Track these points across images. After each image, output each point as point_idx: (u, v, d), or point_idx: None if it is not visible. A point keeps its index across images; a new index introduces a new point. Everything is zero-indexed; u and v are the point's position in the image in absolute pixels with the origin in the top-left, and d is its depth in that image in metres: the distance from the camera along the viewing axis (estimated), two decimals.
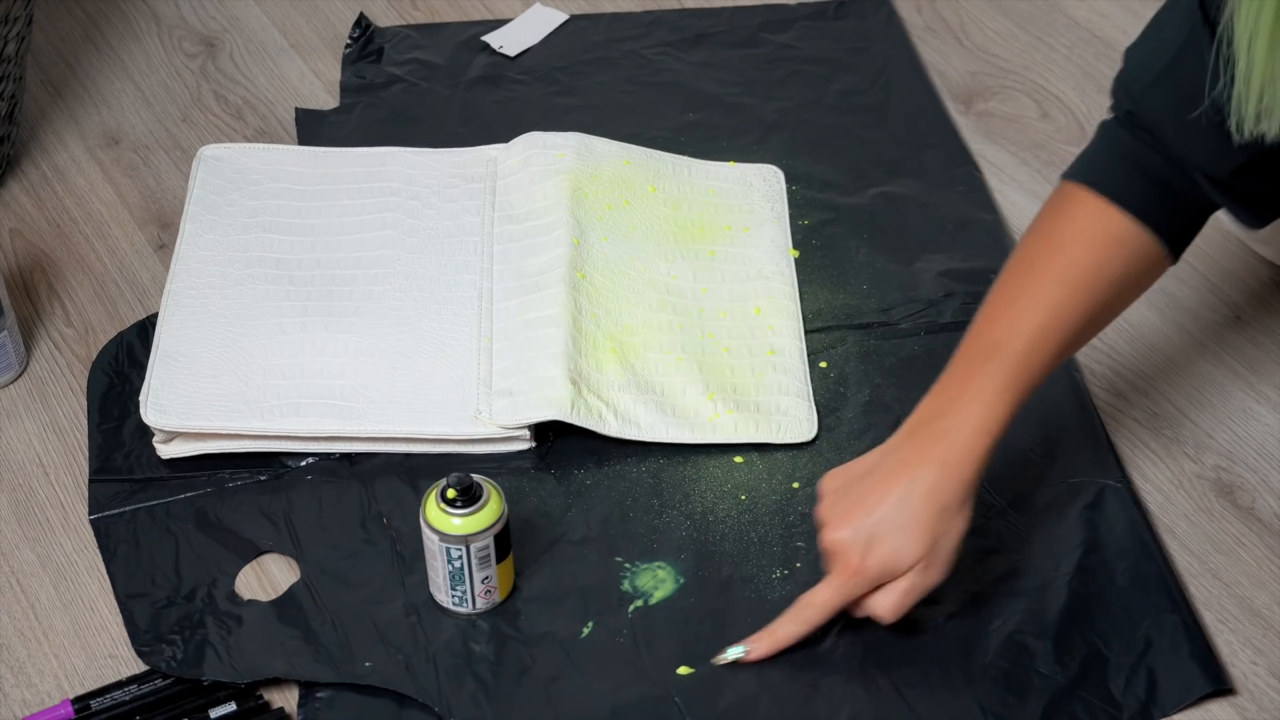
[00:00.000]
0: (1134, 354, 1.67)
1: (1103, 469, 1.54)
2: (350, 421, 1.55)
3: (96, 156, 1.89)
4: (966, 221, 1.78)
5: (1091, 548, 1.47)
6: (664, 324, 1.64)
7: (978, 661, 1.40)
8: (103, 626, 1.46)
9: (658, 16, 2.06)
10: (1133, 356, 1.67)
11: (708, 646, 1.41)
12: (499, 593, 1.44)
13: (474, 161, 1.81)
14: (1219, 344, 1.68)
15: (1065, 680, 1.38)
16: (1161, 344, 1.67)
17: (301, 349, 1.61)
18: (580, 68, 1.99)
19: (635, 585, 1.46)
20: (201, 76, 2.00)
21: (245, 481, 1.55)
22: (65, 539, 1.52)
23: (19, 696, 1.41)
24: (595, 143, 1.80)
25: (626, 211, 1.74)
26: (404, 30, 2.04)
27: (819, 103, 1.94)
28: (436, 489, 1.41)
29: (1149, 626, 1.42)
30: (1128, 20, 2.04)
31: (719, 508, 1.52)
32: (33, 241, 1.79)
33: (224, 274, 1.67)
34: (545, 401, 1.55)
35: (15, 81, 1.81)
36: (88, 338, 1.69)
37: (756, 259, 1.72)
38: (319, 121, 1.91)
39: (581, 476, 1.55)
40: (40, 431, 1.61)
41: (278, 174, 1.78)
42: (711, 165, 1.83)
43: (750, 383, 1.61)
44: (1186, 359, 1.66)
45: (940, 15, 2.08)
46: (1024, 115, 1.94)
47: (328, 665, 1.41)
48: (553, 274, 1.65)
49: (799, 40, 2.02)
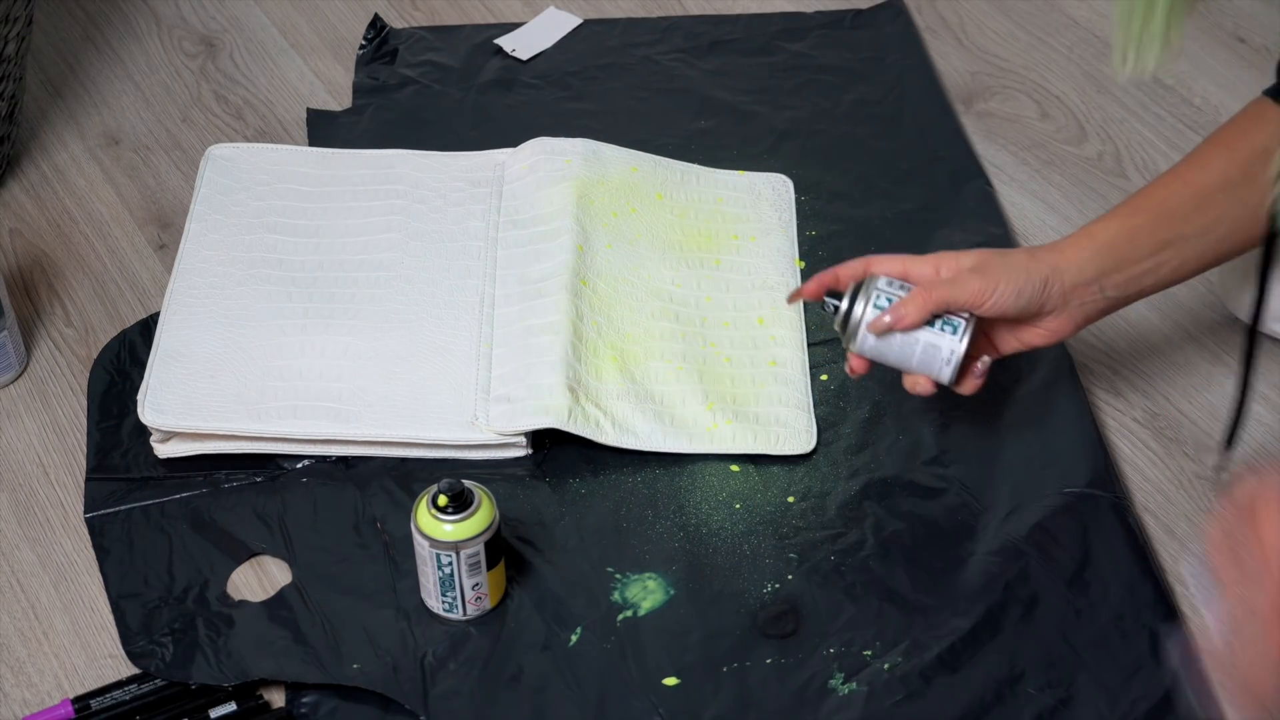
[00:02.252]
0: (1134, 354, 1.66)
1: (1102, 483, 1.53)
2: (347, 425, 1.55)
3: (96, 156, 1.89)
4: (975, 235, 1.77)
5: (1086, 563, 1.46)
6: (666, 332, 1.64)
7: (966, 678, 1.39)
8: (103, 626, 1.46)
9: (673, 22, 2.06)
10: (1133, 356, 1.66)
11: (695, 658, 1.41)
12: (489, 599, 1.43)
13: (481, 166, 1.80)
14: (1219, 344, 1.67)
15: (1053, 700, 1.37)
16: (1161, 344, 1.67)
17: (301, 351, 1.61)
18: (593, 73, 1.99)
19: (624, 596, 1.45)
20: (201, 76, 2.00)
21: (241, 483, 1.55)
22: (65, 539, 1.53)
23: (19, 696, 1.41)
24: (603, 149, 1.80)
25: (632, 219, 1.74)
26: (419, 32, 2.04)
27: (832, 112, 1.93)
28: (428, 495, 1.40)
29: (1142, 648, 1.41)
30: None
31: (713, 519, 1.51)
32: (33, 241, 1.80)
33: (227, 274, 1.67)
34: (542, 409, 1.54)
35: (15, 81, 1.81)
36: (88, 338, 1.69)
37: (762, 269, 1.71)
38: (330, 122, 1.91)
39: (576, 485, 1.54)
40: (40, 431, 1.61)
41: (284, 175, 1.78)
42: (720, 174, 1.82)
43: (750, 393, 1.60)
44: (1186, 359, 1.66)
45: (940, 15, 2.07)
46: (1024, 115, 1.94)
47: (315, 667, 1.40)
48: (555, 280, 1.65)
49: (814, 49, 2.02)
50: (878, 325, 1.43)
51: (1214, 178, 1.45)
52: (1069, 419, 1.59)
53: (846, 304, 1.45)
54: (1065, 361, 1.64)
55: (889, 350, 1.45)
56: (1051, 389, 1.61)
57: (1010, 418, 1.59)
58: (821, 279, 1.47)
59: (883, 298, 1.44)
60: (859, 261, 1.47)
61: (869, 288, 1.45)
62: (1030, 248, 1.48)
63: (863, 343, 1.45)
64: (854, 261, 1.47)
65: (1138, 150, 1.88)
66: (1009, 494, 1.52)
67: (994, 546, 1.48)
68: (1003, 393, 1.60)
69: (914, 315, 1.42)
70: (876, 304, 1.44)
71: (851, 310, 1.45)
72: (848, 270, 1.47)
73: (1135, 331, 1.68)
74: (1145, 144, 1.89)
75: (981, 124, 1.92)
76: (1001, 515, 1.50)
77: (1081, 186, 1.84)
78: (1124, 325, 1.67)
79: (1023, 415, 1.59)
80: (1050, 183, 1.85)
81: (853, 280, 1.46)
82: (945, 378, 1.45)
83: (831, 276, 1.47)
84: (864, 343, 1.45)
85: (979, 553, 1.47)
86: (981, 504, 1.51)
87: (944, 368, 1.44)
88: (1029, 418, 1.58)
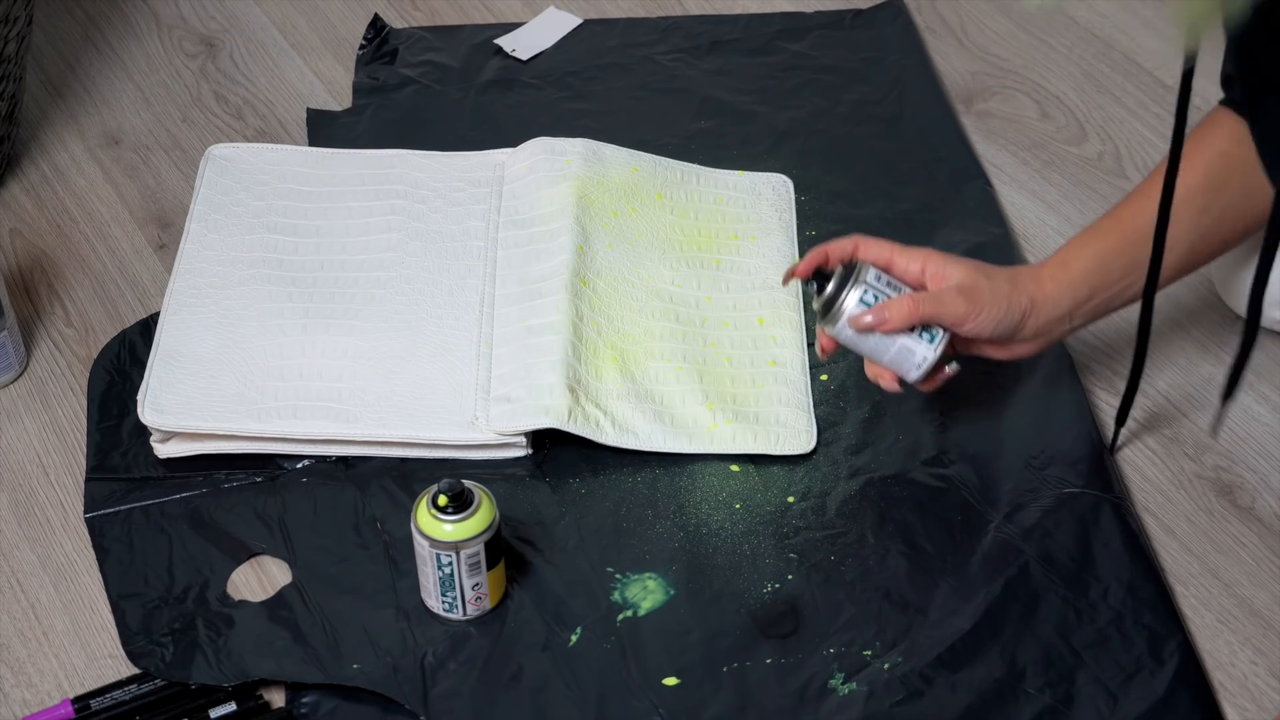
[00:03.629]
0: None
1: (1102, 483, 1.53)
2: (347, 425, 1.55)
3: (96, 156, 1.89)
4: (975, 235, 1.77)
5: (1086, 563, 1.46)
6: (666, 332, 1.63)
7: (966, 678, 1.39)
8: (103, 626, 1.46)
9: (673, 22, 2.06)
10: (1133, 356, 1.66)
11: (695, 658, 1.41)
12: (489, 599, 1.43)
13: (481, 166, 1.80)
14: (1219, 344, 1.67)
15: (1053, 700, 1.37)
16: (1161, 344, 1.66)
17: (301, 351, 1.61)
18: (593, 73, 1.98)
19: (625, 596, 1.45)
20: (201, 76, 2.00)
21: (241, 483, 1.55)
22: (65, 539, 1.52)
23: (19, 696, 1.41)
24: (603, 149, 1.80)
25: (633, 219, 1.74)
26: (418, 32, 2.04)
27: (832, 112, 1.93)
28: (428, 495, 1.40)
29: (1142, 648, 1.41)
30: (1128, 20, 2.03)
31: (713, 519, 1.51)
32: (33, 241, 1.80)
33: (227, 274, 1.67)
34: (542, 409, 1.54)
35: (15, 81, 1.81)
36: (88, 338, 1.69)
37: (762, 269, 1.71)
38: (330, 122, 1.91)
39: (576, 485, 1.54)
40: (40, 431, 1.61)
41: (285, 174, 1.78)
42: (720, 174, 1.82)
43: (750, 393, 1.60)
44: (1186, 359, 1.66)
45: (940, 15, 2.07)
46: (1024, 115, 1.94)
47: (315, 667, 1.40)
48: (555, 281, 1.65)
49: (814, 49, 2.01)
50: (859, 323, 1.45)
51: (1177, 190, 1.46)
52: (1069, 419, 1.58)
53: (833, 289, 1.46)
54: (1065, 361, 1.64)
55: (863, 344, 1.47)
56: (1051, 389, 1.61)
57: (1010, 418, 1.59)
58: (813, 257, 1.49)
59: (870, 293, 1.45)
60: (848, 240, 1.49)
61: (857, 279, 1.45)
62: (1013, 271, 1.49)
63: (840, 331, 1.47)
64: (843, 240, 1.49)
65: (1138, 150, 1.88)
66: (1009, 494, 1.52)
67: (994, 546, 1.48)
68: (1003, 393, 1.60)
69: (897, 323, 1.45)
70: (864, 299, 1.45)
71: (836, 296, 1.46)
72: (837, 249, 1.49)
73: (1135, 331, 1.67)
74: (1145, 144, 1.89)
75: (981, 124, 1.92)
76: (1001, 515, 1.50)
77: (1081, 186, 1.84)
78: (1124, 325, 1.66)
79: (1023, 415, 1.59)
80: (1050, 183, 1.85)
81: (840, 262, 1.48)
82: (911, 378, 1.48)
83: (822, 255, 1.49)
84: (842, 331, 1.47)
85: (979, 553, 1.47)
86: (981, 504, 1.51)
87: (914, 370, 1.47)
88: (1029, 418, 1.58)
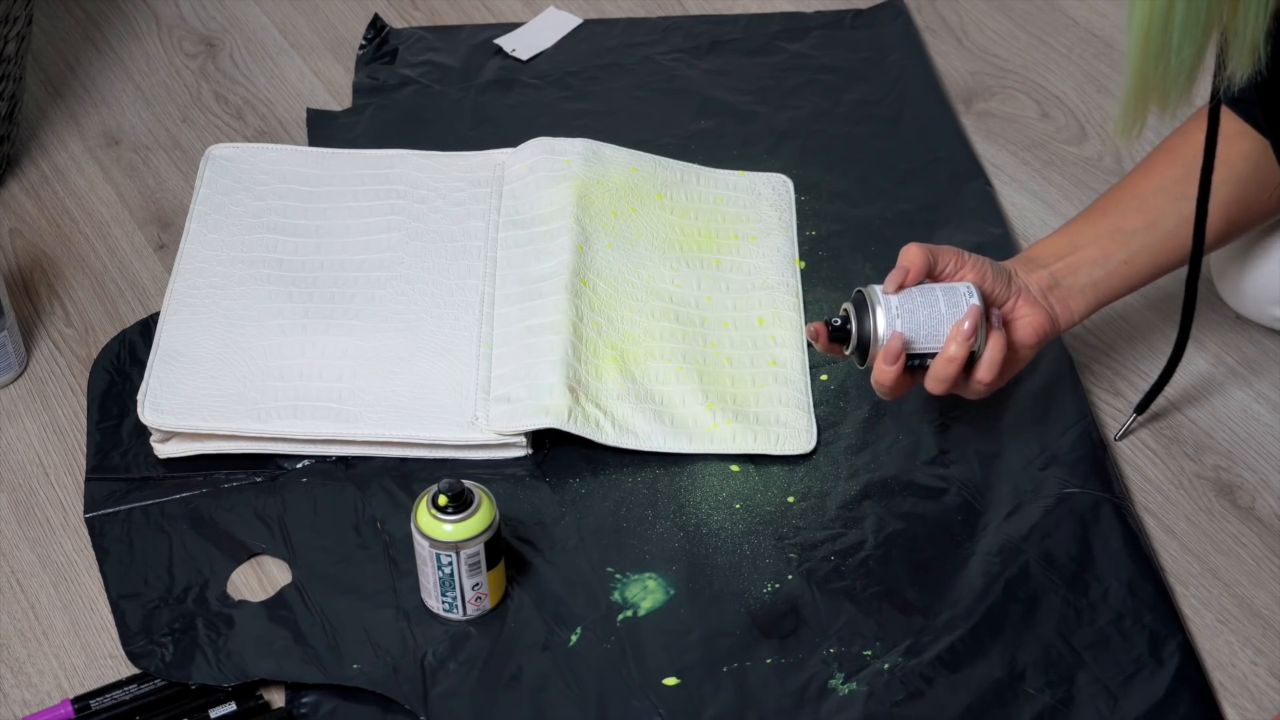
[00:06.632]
0: (1134, 354, 1.67)
1: (1102, 483, 1.53)
2: (347, 425, 1.55)
3: (96, 156, 1.89)
4: (975, 235, 1.77)
5: (1086, 563, 1.46)
6: (666, 333, 1.63)
7: (966, 678, 1.39)
8: (103, 626, 1.46)
9: (673, 22, 2.06)
10: (1133, 356, 1.66)
11: (695, 658, 1.41)
12: (489, 599, 1.43)
13: (481, 166, 1.80)
14: (1219, 344, 1.67)
15: (1053, 700, 1.37)
16: (1162, 344, 1.66)
17: (301, 351, 1.61)
18: (593, 72, 1.98)
19: (624, 596, 1.45)
20: (201, 76, 2.00)
21: (241, 483, 1.55)
22: (65, 539, 1.53)
23: (19, 696, 1.41)
24: (603, 149, 1.80)
25: (633, 219, 1.74)
26: (418, 32, 2.04)
27: (832, 112, 1.93)
28: (428, 495, 1.40)
29: (1142, 648, 1.41)
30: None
31: (713, 519, 1.51)
32: (33, 241, 1.80)
33: (227, 274, 1.67)
34: (542, 409, 1.54)
35: (15, 81, 1.81)
36: (88, 338, 1.69)
37: (761, 269, 1.71)
38: (330, 122, 1.91)
39: (576, 485, 1.54)
40: (40, 431, 1.61)
41: (285, 174, 1.78)
42: (720, 174, 1.82)
43: (750, 393, 1.60)
44: (1186, 359, 1.65)
45: (940, 15, 2.07)
46: (1024, 115, 1.94)
47: (315, 667, 1.40)
48: (555, 281, 1.65)
49: (814, 49, 2.02)
50: (891, 280, 1.44)
51: (1155, 180, 1.50)
52: (1069, 419, 1.58)
53: (855, 325, 1.45)
54: (1065, 361, 1.64)
55: (915, 318, 1.44)
56: (1051, 389, 1.61)
57: (1010, 418, 1.59)
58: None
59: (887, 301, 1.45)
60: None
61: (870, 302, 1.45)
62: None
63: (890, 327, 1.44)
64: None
65: (1138, 150, 1.88)
66: (1009, 494, 1.52)
67: (994, 546, 1.48)
68: (1003, 393, 1.59)
69: (913, 251, 1.45)
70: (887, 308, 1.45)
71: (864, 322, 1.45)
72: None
73: (1135, 331, 1.68)
74: (1145, 144, 1.88)
75: (981, 124, 1.92)
76: (1001, 515, 1.50)
77: (1081, 186, 1.84)
78: (1124, 325, 1.67)
79: (1023, 415, 1.59)
80: (1050, 183, 1.85)
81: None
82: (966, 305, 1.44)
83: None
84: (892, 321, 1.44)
85: (979, 553, 1.47)
86: (981, 504, 1.51)
87: (968, 300, 1.43)
88: (1029, 418, 1.58)
